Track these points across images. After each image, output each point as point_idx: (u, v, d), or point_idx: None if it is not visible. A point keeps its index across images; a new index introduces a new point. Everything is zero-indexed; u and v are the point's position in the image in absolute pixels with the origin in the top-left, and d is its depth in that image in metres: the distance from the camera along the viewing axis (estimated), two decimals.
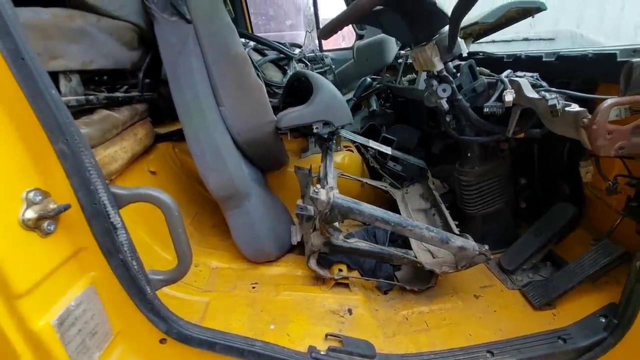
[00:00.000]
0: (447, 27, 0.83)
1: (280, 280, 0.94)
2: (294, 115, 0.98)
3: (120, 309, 0.60)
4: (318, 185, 0.76)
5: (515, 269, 1.00)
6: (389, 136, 1.35)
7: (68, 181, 0.49)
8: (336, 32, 0.79)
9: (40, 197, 0.47)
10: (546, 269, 1.00)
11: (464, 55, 0.90)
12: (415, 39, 0.88)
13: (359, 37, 2.55)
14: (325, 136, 1.18)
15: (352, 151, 1.43)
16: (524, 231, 1.08)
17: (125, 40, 0.91)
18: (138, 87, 1.04)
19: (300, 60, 2.04)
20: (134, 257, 0.57)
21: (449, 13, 0.80)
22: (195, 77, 0.87)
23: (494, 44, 1.42)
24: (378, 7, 0.74)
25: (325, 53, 2.46)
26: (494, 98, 0.84)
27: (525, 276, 0.99)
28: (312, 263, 0.88)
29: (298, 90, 1.42)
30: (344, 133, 1.20)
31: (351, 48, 2.79)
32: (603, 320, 0.77)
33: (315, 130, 1.00)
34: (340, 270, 0.95)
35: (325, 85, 1.05)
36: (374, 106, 1.63)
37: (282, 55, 1.90)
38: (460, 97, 0.92)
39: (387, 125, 1.63)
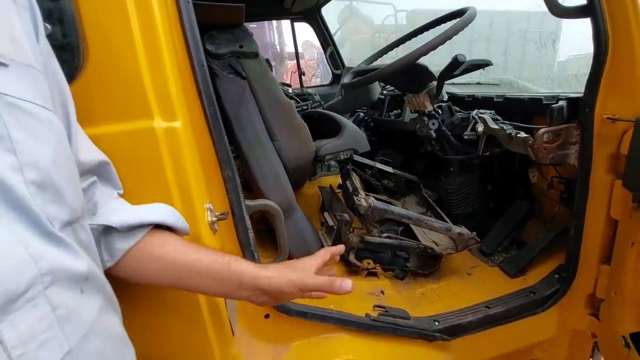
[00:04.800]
0: (434, 82, 1.19)
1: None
2: (330, 145, 1.28)
3: None
4: (360, 196, 1.04)
5: (493, 252, 1.34)
6: (386, 159, 1.69)
7: (227, 197, 0.73)
8: (363, 87, 1.12)
9: (212, 207, 0.71)
10: (514, 250, 1.35)
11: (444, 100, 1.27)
12: (412, 89, 1.24)
13: (335, 76, 2.95)
14: (342, 160, 1.48)
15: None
16: (494, 223, 1.45)
17: None
18: None
19: (291, 98, 2.35)
20: (255, 249, 0.80)
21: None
22: (254, 120, 1.13)
23: (454, 86, 1.85)
24: None
25: (309, 90, 2.81)
26: (469, 129, 1.20)
27: (500, 256, 1.33)
28: (352, 257, 1.15)
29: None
30: (357, 157, 1.52)
31: (328, 85, 3.18)
32: (557, 277, 1.11)
33: (343, 157, 1.31)
34: (368, 263, 1.22)
35: (348, 122, 1.37)
36: None
37: None
38: (444, 128, 1.28)
39: (374, 151, 1.97)
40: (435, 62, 1.25)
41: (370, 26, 5.90)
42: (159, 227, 0.48)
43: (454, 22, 1.05)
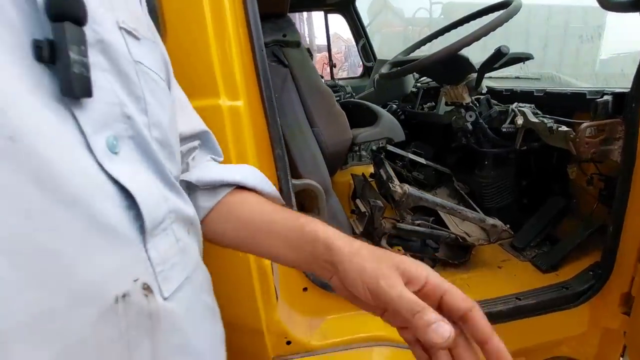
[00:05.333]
0: (474, 74, 1.20)
1: None
2: (367, 133, 1.32)
3: None
4: (395, 183, 1.08)
5: (525, 247, 1.34)
6: (418, 150, 1.71)
7: (276, 174, 0.79)
8: (400, 77, 1.14)
9: None
10: (547, 246, 1.34)
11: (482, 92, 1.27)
12: (451, 80, 1.25)
13: (366, 68, 2.96)
14: (375, 149, 1.52)
15: None
16: (527, 220, 1.44)
17: None
18: None
19: None
20: None
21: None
22: (295, 106, 1.19)
23: (491, 80, 1.82)
24: None
25: (340, 82, 2.84)
26: (508, 121, 1.20)
27: (532, 251, 1.33)
28: (384, 242, 1.19)
29: None
30: (389, 147, 1.55)
31: (359, 77, 3.19)
32: (591, 273, 1.10)
33: (375, 147, 1.34)
34: (399, 249, 1.26)
35: (384, 112, 1.40)
36: None
37: None
38: (481, 120, 1.28)
39: (405, 143, 1.98)
40: (469, 56, 1.24)
41: (400, 19, 5.82)
42: (244, 188, 0.47)
43: (497, 13, 1.06)
